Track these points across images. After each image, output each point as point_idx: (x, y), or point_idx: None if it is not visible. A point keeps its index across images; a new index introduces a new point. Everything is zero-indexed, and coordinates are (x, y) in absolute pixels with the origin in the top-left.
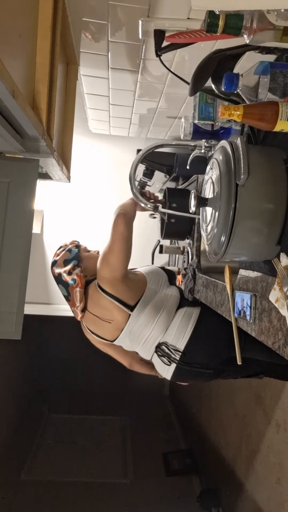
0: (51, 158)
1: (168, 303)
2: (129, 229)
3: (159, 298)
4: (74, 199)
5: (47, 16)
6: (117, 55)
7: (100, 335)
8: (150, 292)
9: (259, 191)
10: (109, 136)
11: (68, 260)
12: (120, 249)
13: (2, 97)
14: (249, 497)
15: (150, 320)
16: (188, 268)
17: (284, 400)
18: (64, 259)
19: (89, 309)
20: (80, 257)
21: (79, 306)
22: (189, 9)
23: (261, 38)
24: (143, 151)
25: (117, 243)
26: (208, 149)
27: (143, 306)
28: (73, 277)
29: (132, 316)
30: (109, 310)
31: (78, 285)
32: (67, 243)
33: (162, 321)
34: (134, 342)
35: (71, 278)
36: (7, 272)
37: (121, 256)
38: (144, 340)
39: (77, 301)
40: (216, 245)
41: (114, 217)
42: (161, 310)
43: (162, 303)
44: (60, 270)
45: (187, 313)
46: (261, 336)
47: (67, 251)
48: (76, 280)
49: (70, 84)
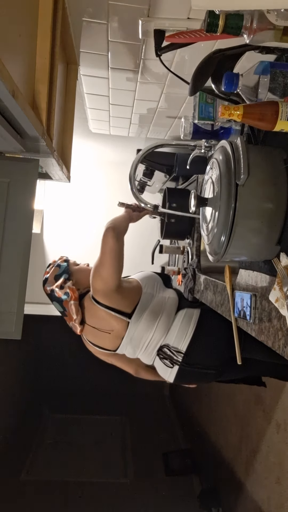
0: (51, 158)
1: (166, 306)
2: (119, 242)
3: (157, 302)
4: (74, 199)
5: (47, 16)
6: (117, 55)
7: (101, 346)
8: (147, 297)
9: (259, 191)
10: (109, 136)
11: (59, 274)
12: (110, 262)
13: (2, 97)
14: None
15: (150, 324)
16: (188, 268)
17: (284, 400)
18: (55, 275)
19: (87, 321)
20: (70, 270)
21: (77, 319)
22: (189, 9)
23: (261, 38)
24: (143, 151)
25: (107, 256)
26: (208, 149)
27: (141, 311)
28: (66, 290)
29: (131, 323)
30: (107, 321)
31: (72, 298)
32: (56, 259)
33: (162, 324)
34: (136, 348)
35: (64, 292)
36: (7, 272)
37: (112, 269)
38: (146, 344)
39: (73, 314)
40: (216, 245)
41: (104, 231)
42: (160, 314)
43: (161, 307)
44: (52, 287)
45: (187, 315)
46: (261, 336)
47: (56, 267)
48: (69, 293)
49: (70, 84)
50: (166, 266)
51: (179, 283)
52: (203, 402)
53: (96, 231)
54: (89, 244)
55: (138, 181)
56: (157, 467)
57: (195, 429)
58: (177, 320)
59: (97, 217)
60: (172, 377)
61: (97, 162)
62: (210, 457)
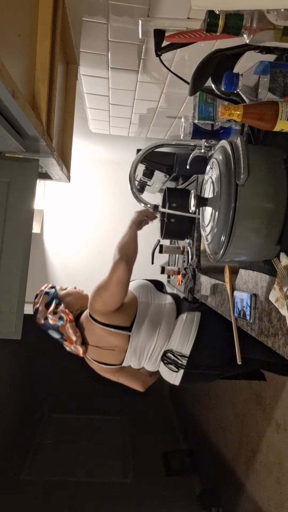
0: (51, 158)
1: (165, 313)
2: (129, 273)
3: (154, 310)
4: (74, 199)
5: (47, 16)
6: (117, 55)
7: (106, 362)
8: (143, 306)
9: (259, 191)
10: (109, 136)
11: (49, 301)
12: (116, 290)
13: (2, 97)
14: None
15: (151, 333)
16: (188, 268)
17: (284, 400)
18: (45, 303)
19: (88, 342)
20: (59, 295)
21: (77, 340)
22: (189, 9)
23: (261, 38)
24: (143, 151)
25: (114, 285)
26: (208, 149)
27: (140, 322)
28: (60, 315)
29: (132, 335)
30: (107, 338)
31: (67, 321)
32: (42, 288)
33: (163, 331)
34: (141, 358)
35: (58, 317)
36: (7, 272)
37: (116, 296)
38: (150, 353)
39: (72, 335)
40: (216, 245)
41: (117, 259)
42: (160, 321)
43: (159, 314)
44: (44, 315)
45: (188, 319)
46: (261, 336)
47: (44, 295)
48: (63, 317)
49: (70, 84)
50: (166, 266)
51: (179, 283)
52: (203, 402)
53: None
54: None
55: (138, 181)
56: (157, 467)
57: (195, 429)
58: (178, 325)
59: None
60: (178, 380)
61: (97, 162)
62: (210, 457)
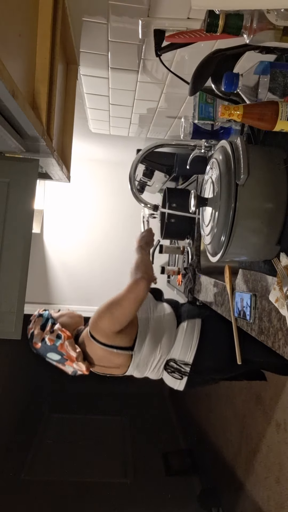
0: (51, 158)
1: (165, 324)
2: (146, 294)
3: (155, 324)
4: (74, 199)
5: (47, 16)
6: (117, 55)
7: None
8: (143, 323)
9: (259, 191)
10: (109, 136)
11: (44, 323)
12: (130, 309)
13: (2, 97)
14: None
15: (153, 348)
16: (188, 268)
17: (284, 400)
18: (40, 325)
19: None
20: (53, 316)
21: (78, 357)
22: (189, 9)
23: (261, 38)
24: (143, 151)
25: (132, 303)
26: (208, 149)
27: (142, 340)
28: (57, 333)
29: (135, 353)
30: (109, 358)
31: (65, 338)
32: (35, 313)
33: (165, 343)
34: (143, 371)
35: (56, 335)
36: (7, 272)
37: (129, 316)
38: (153, 366)
39: (72, 352)
40: (216, 245)
41: (138, 277)
42: (162, 334)
43: (160, 327)
44: (41, 337)
45: (189, 327)
46: (261, 336)
47: (38, 317)
48: (61, 335)
49: (70, 84)
50: (166, 266)
51: (179, 283)
52: (203, 402)
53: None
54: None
55: (138, 181)
56: (157, 467)
57: (195, 429)
58: (179, 335)
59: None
60: (182, 386)
61: (97, 162)
62: (210, 457)
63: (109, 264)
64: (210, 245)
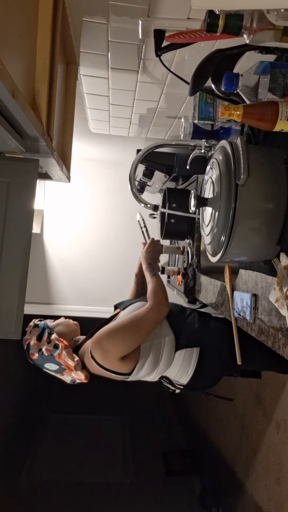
0: (51, 158)
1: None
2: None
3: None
4: (74, 199)
5: (47, 16)
6: (117, 55)
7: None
8: (145, 350)
9: (259, 191)
10: (109, 136)
11: (40, 333)
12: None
13: (2, 97)
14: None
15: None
16: (188, 268)
17: (284, 400)
18: (36, 335)
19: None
20: (49, 326)
21: (77, 366)
22: (189, 9)
23: (261, 38)
24: (143, 151)
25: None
26: (208, 149)
27: (141, 366)
28: (54, 343)
29: (132, 377)
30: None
31: (62, 347)
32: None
33: (162, 368)
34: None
35: (53, 346)
36: (7, 272)
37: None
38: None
39: (70, 361)
40: (216, 245)
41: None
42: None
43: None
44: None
45: (187, 355)
46: (261, 336)
47: (34, 328)
48: (58, 344)
49: (70, 84)
50: (166, 266)
51: (179, 283)
52: (203, 402)
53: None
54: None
55: (138, 181)
56: (157, 467)
57: (195, 429)
58: (176, 360)
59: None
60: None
61: (97, 162)
62: (210, 457)
63: (109, 264)
64: (210, 245)
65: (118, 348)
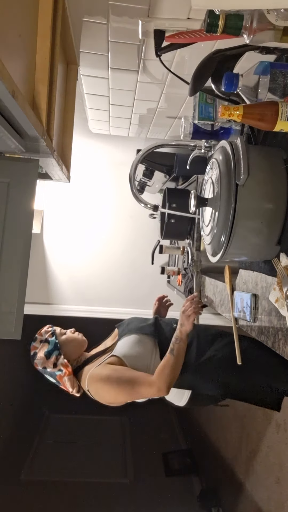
0: (51, 158)
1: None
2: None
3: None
4: (74, 199)
5: (47, 16)
6: (117, 55)
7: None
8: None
9: (259, 191)
10: (109, 136)
11: (50, 351)
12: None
13: (2, 97)
14: (249, 497)
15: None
16: (188, 268)
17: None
18: (45, 352)
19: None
20: (60, 343)
21: (74, 390)
22: (189, 9)
23: (261, 38)
24: (143, 151)
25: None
26: (208, 149)
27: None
28: (59, 368)
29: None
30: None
31: (65, 374)
32: (42, 332)
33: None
34: None
35: (58, 369)
36: (7, 272)
37: (131, 399)
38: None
39: (69, 387)
40: (216, 245)
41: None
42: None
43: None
44: (44, 364)
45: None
46: (261, 336)
47: (45, 343)
48: (62, 370)
49: (70, 84)
50: (166, 267)
51: (179, 283)
52: None
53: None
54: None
55: (138, 181)
56: (157, 467)
57: (195, 429)
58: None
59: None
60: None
61: (97, 162)
62: (210, 457)
63: (109, 264)
64: (210, 245)
65: (111, 396)
